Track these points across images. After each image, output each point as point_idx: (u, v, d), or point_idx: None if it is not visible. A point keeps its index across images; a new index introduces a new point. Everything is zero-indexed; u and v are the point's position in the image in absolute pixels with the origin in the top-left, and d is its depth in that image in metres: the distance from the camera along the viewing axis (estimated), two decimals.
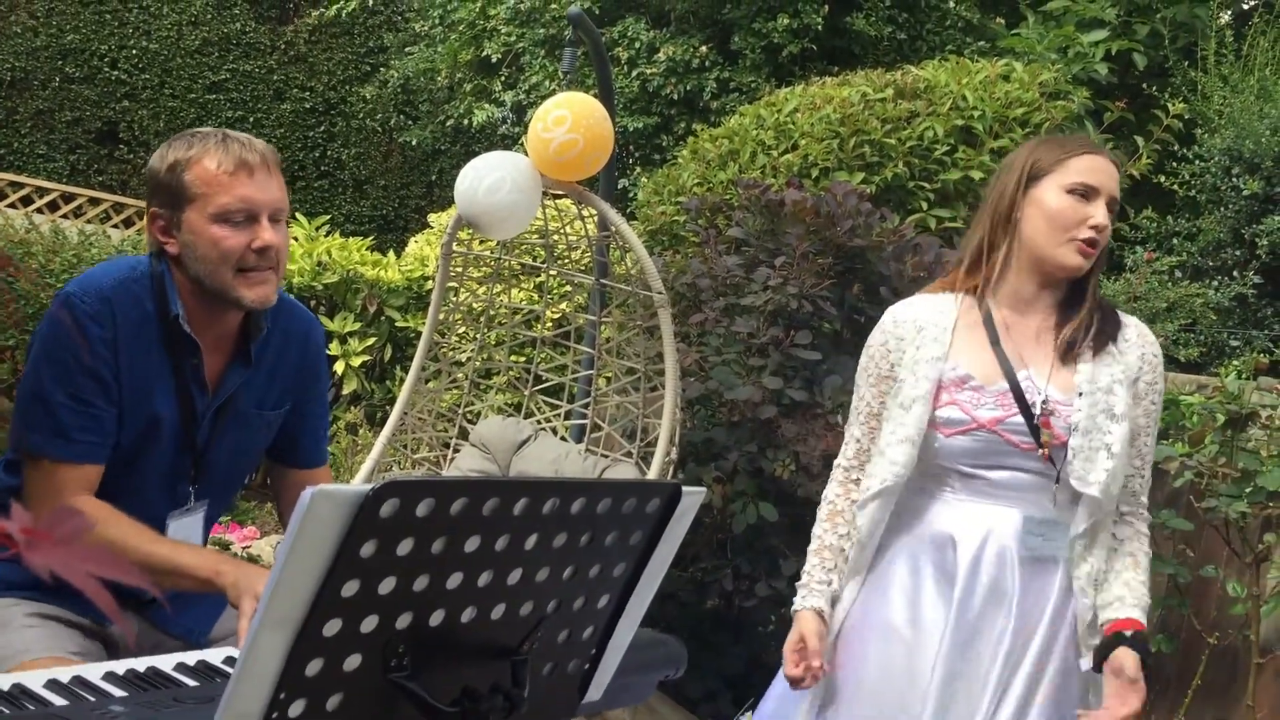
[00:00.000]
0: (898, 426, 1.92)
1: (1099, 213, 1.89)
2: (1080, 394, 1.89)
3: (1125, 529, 1.95)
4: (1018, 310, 1.96)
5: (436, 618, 1.09)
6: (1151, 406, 1.95)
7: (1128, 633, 1.84)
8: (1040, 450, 1.86)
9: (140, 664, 1.39)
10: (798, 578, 3.10)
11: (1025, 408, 1.88)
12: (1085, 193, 1.90)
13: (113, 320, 1.75)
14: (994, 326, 1.94)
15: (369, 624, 1.03)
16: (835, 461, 2.07)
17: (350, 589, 1.00)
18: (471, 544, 1.07)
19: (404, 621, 1.06)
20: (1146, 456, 1.97)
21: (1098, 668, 1.85)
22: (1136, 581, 1.90)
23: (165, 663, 1.43)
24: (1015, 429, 1.87)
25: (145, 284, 1.81)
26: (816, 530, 2.04)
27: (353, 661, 1.04)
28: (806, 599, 1.98)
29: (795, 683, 1.91)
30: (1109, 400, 1.88)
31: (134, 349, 1.78)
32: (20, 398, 1.77)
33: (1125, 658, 1.81)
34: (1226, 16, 7.40)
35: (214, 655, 1.50)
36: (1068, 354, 1.91)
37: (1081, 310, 1.94)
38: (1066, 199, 1.90)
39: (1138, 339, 1.96)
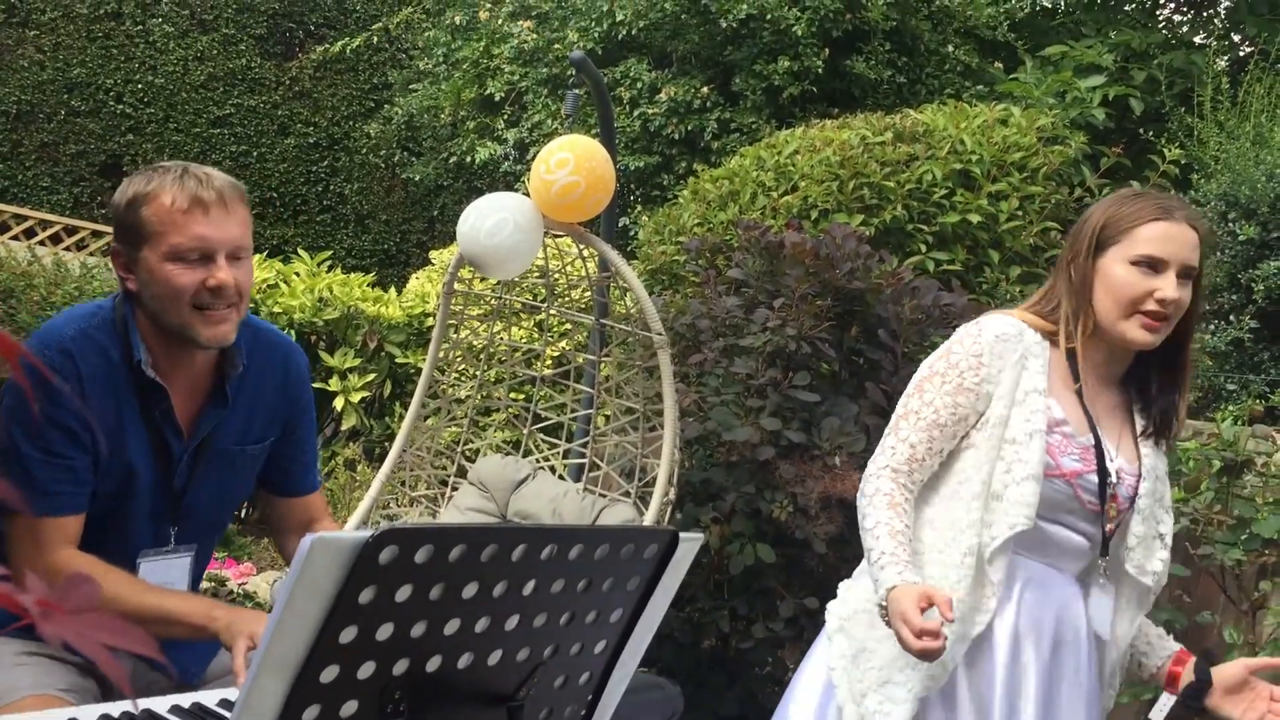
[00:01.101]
0: (1016, 464, 1.76)
1: (1167, 286, 1.76)
2: (1141, 477, 1.85)
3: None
4: (1095, 375, 1.88)
5: (434, 664, 1.09)
6: None
7: (1191, 661, 1.89)
8: (1107, 521, 1.82)
9: (135, 706, 1.39)
10: (795, 620, 3.11)
11: (1103, 469, 1.81)
12: (1152, 264, 1.78)
13: (76, 372, 1.72)
14: (1080, 384, 1.85)
15: (366, 670, 1.04)
16: (879, 461, 1.83)
17: (348, 635, 1.00)
18: (469, 590, 1.08)
19: (401, 667, 1.07)
20: None
21: (1198, 696, 1.84)
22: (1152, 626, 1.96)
23: (160, 704, 1.43)
24: (1088, 487, 1.81)
25: (107, 330, 1.77)
26: (881, 517, 1.76)
27: (350, 708, 1.04)
28: (903, 574, 1.67)
29: (927, 656, 1.60)
30: (1161, 489, 1.87)
31: (102, 398, 1.75)
32: None
33: (1229, 666, 1.84)
34: (1223, 63, 7.48)
35: (209, 697, 1.50)
36: (1160, 436, 1.88)
37: (1179, 400, 1.88)
38: (1131, 272, 1.78)
39: None
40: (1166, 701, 2.05)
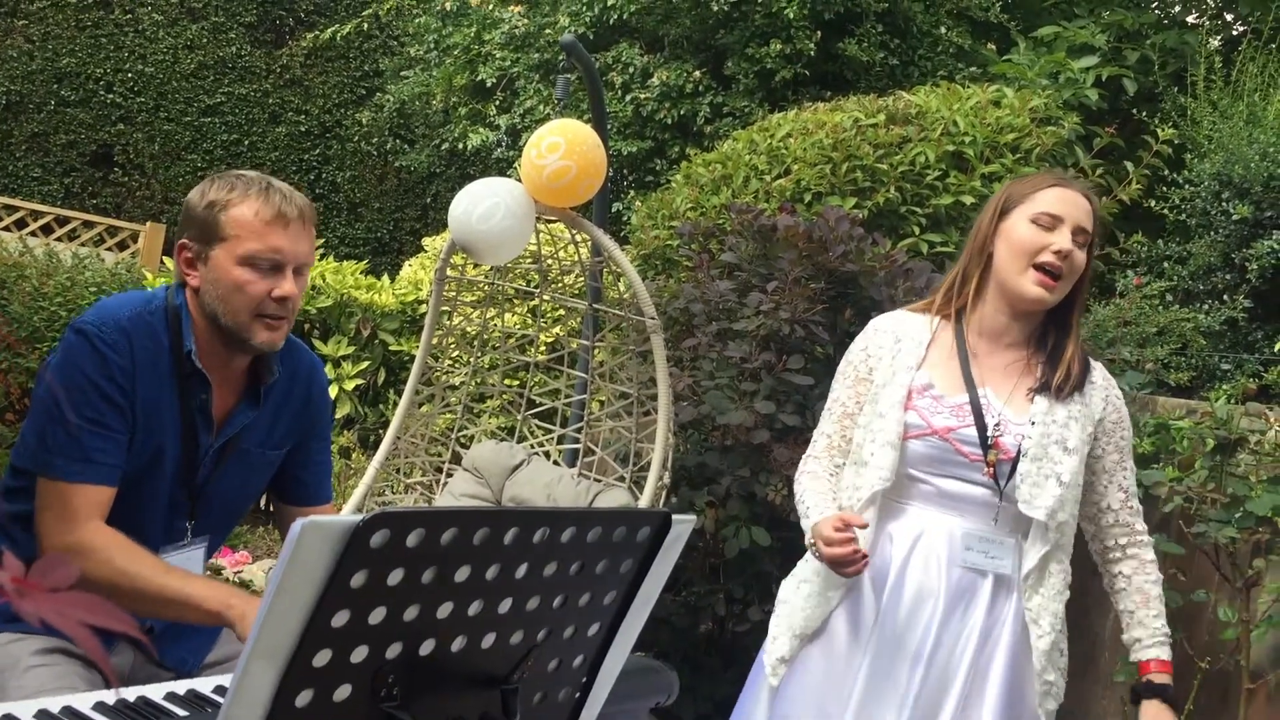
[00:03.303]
0: (878, 433, 2.00)
1: (1061, 240, 1.97)
2: (1033, 422, 1.97)
3: (1128, 564, 2.03)
4: (989, 340, 2.06)
5: (427, 647, 1.09)
6: (1122, 441, 2.05)
7: (1155, 680, 1.97)
8: (986, 467, 1.95)
9: (130, 693, 1.39)
10: None
11: (980, 421, 1.97)
12: (1050, 223, 1.99)
13: (130, 351, 1.79)
14: (964, 350, 2.04)
15: (359, 654, 1.03)
16: (807, 453, 2.15)
17: (340, 619, 1.00)
18: (462, 573, 1.08)
19: (394, 651, 1.06)
20: (1130, 489, 2.05)
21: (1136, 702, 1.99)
22: (1150, 618, 2.01)
23: (155, 692, 1.43)
24: (966, 440, 1.97)
25: (160, 318, 1.86)
26: (806, 486, 2.08)
27: (343, 692, 1.04)
28: (825, 512, 1.97)
29: (844, 565, 1.86)
30: (1063, 433, 1.97)
31: (149, 380, 1.81)
32: (34, 424, 1.78)
33: (1157, 714, 1.95)
34: (1215, 43, 7.47)
35: (204, 685, 1.50)
36: (1044, 392, 1.99)
37: (1066, 354, 2.01)
38: (1030, 228, 1.99)
39: (1102, 382, 2.06)
40: None
